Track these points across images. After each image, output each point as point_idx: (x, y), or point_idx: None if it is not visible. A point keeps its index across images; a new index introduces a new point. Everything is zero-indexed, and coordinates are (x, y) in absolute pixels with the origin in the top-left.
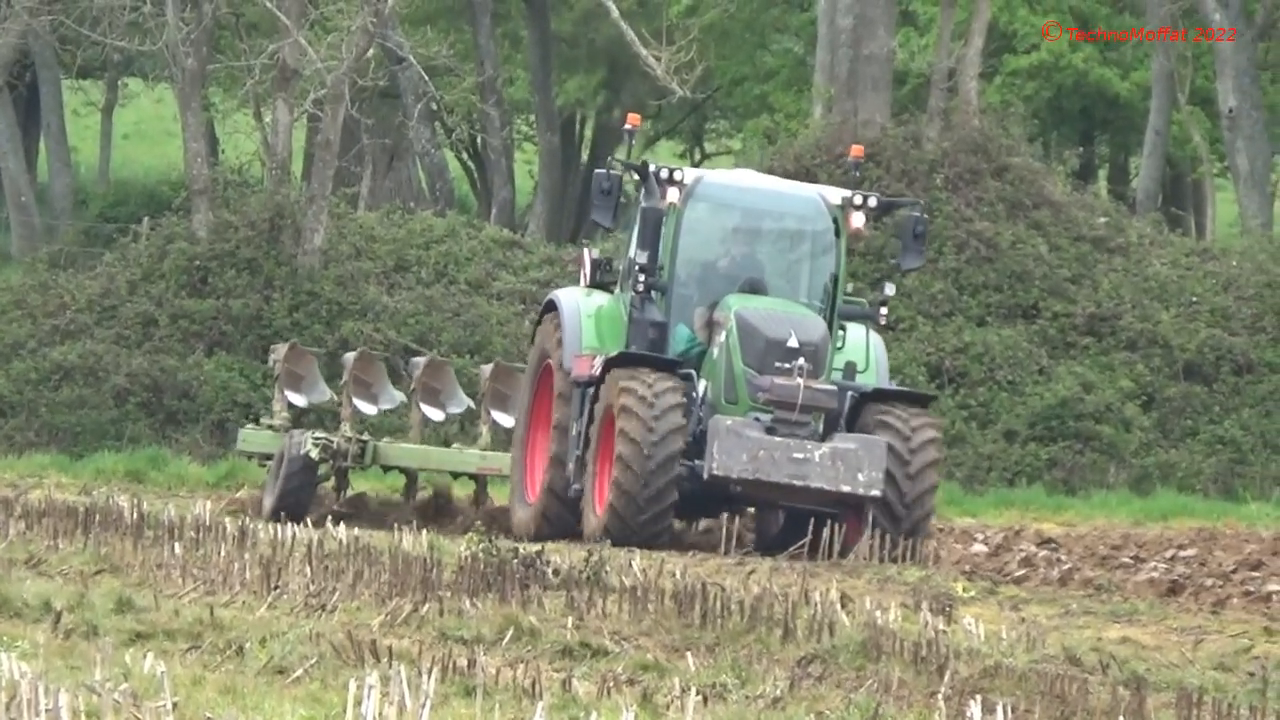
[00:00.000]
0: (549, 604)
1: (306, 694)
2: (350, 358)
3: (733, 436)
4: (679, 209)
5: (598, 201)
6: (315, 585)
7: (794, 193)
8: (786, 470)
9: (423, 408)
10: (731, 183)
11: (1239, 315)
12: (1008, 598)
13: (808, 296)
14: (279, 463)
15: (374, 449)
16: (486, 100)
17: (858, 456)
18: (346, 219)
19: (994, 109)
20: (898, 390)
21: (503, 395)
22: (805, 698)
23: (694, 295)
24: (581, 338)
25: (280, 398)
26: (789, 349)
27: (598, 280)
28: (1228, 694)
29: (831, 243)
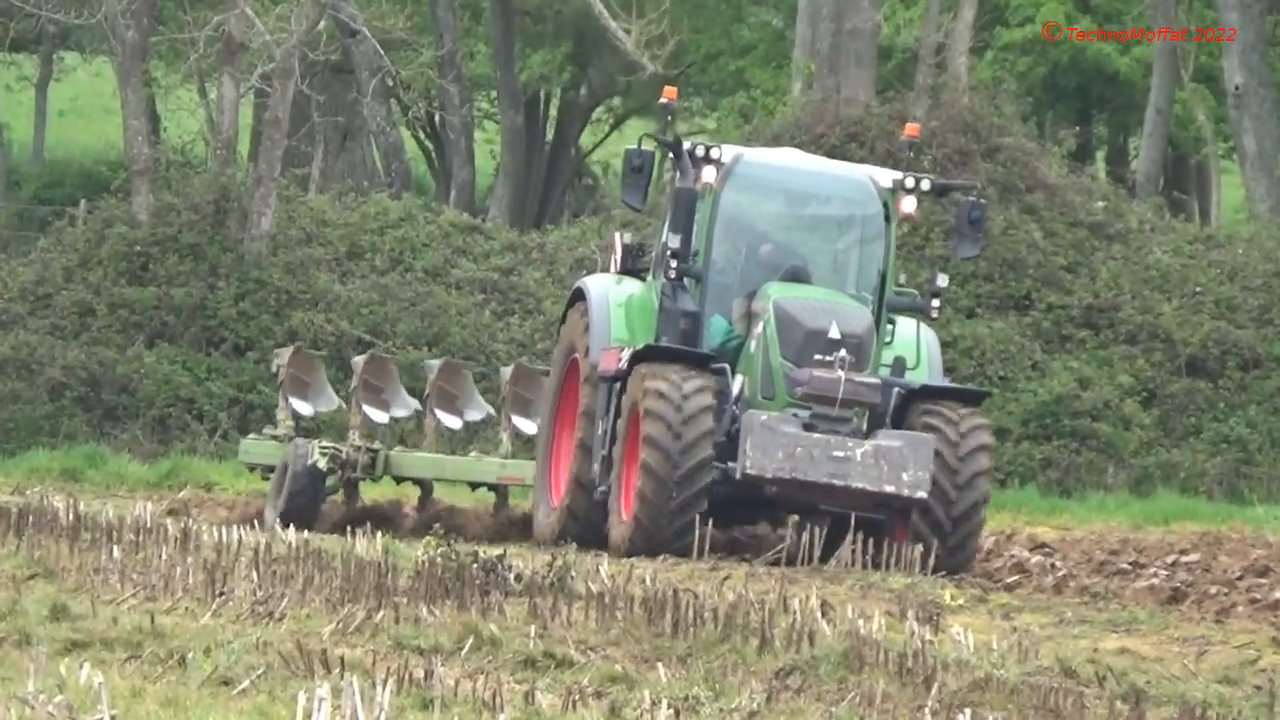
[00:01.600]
0: (511, 611)
1: (253, 706)
2: (359, 361)
3: (767, 433)
4: (715, 190)
5: (628, 181)
6: (263, 591)
7: (841, 174)
8: (825, 469)
9: (438, 415)
10: (773, 162)
11: (1245, 306)
12: (999, 606)
13: (856, 287)
14: (282, 474)
15: (385, 458)
16: (445, 76)
17: (902, 455)
18: (296, 202)
19: (985, 86)
20: (948, 387)
21: (524, 400)
22: (783, 711)
23: (732, 284)
24: (610, 329)
25: (284, 406)
26: (830, 340)
27: (629, 267)
28: (1232, 708)
29: (881, 229)
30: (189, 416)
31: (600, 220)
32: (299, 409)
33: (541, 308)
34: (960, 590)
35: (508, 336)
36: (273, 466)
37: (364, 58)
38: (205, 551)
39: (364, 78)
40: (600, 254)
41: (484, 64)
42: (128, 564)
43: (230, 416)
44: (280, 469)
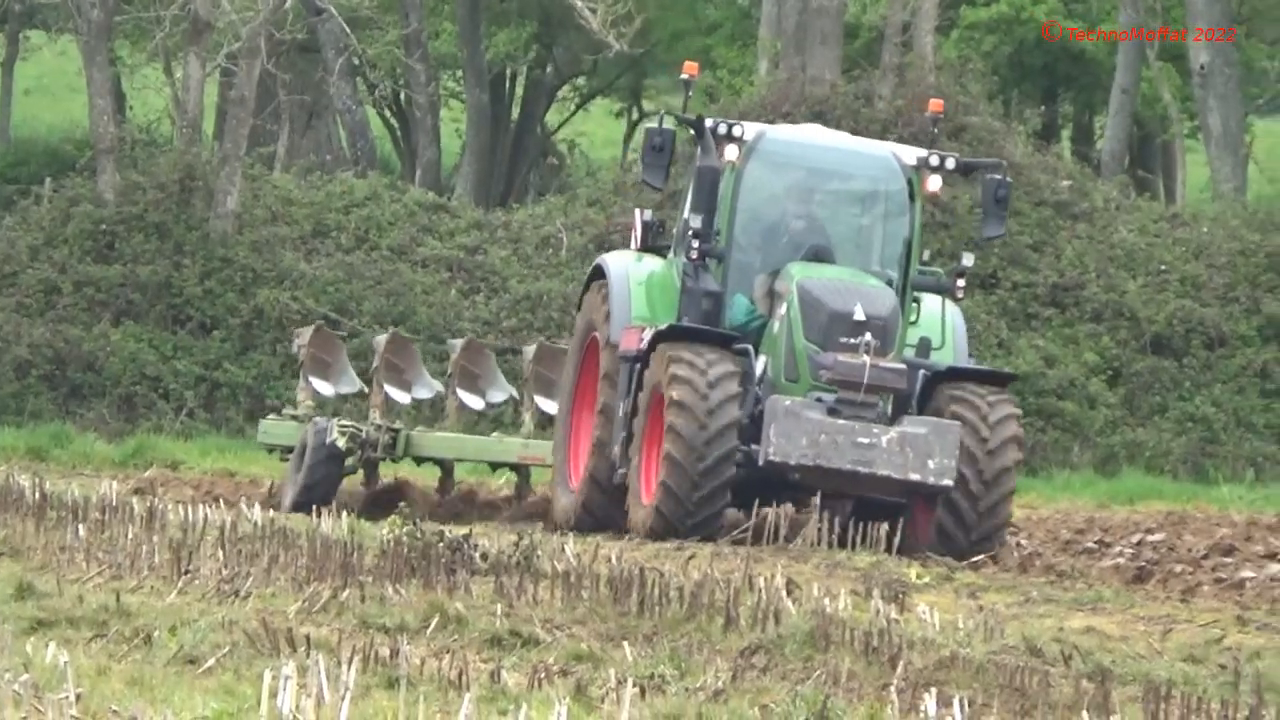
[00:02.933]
0: (477, 590)
1: (219, 685)
2: (381, 340)
3: (791, 419)
4: (738, 167)
5: (649, 159)
6: (228, 570)
7: (866, 151)
8: (850, 456)
9: (460, 395)
10: (796, 139)
11: (1211, 285)
12: (965, 585)
13: (880, 265)
14: (301, 453)
15: (406, 438)
16: (411, 54)
17: (928, 442)
18: (262, 181)
19: (951, 65)
20: (975, 369)
21: (547, 380)
22: (749, 690)
23: (754, 262)
24: (631, 307)
25: (305, 386)
26: (855, 323)
27: (650, 244)
28: (1198, 687)
29: (905, 206)
30: (155, 395)
31: (565, 199)
32: (320, 389)
33: (507, 286)
34: (926, 569)
35: (473, 315)
36: (291, 448)
37: (330, 36)
38: (171, 530)
39: (330, 56)
40: (565, 232)
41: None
42: (93, 543)
43: (196, 395)
44: (299, 449)
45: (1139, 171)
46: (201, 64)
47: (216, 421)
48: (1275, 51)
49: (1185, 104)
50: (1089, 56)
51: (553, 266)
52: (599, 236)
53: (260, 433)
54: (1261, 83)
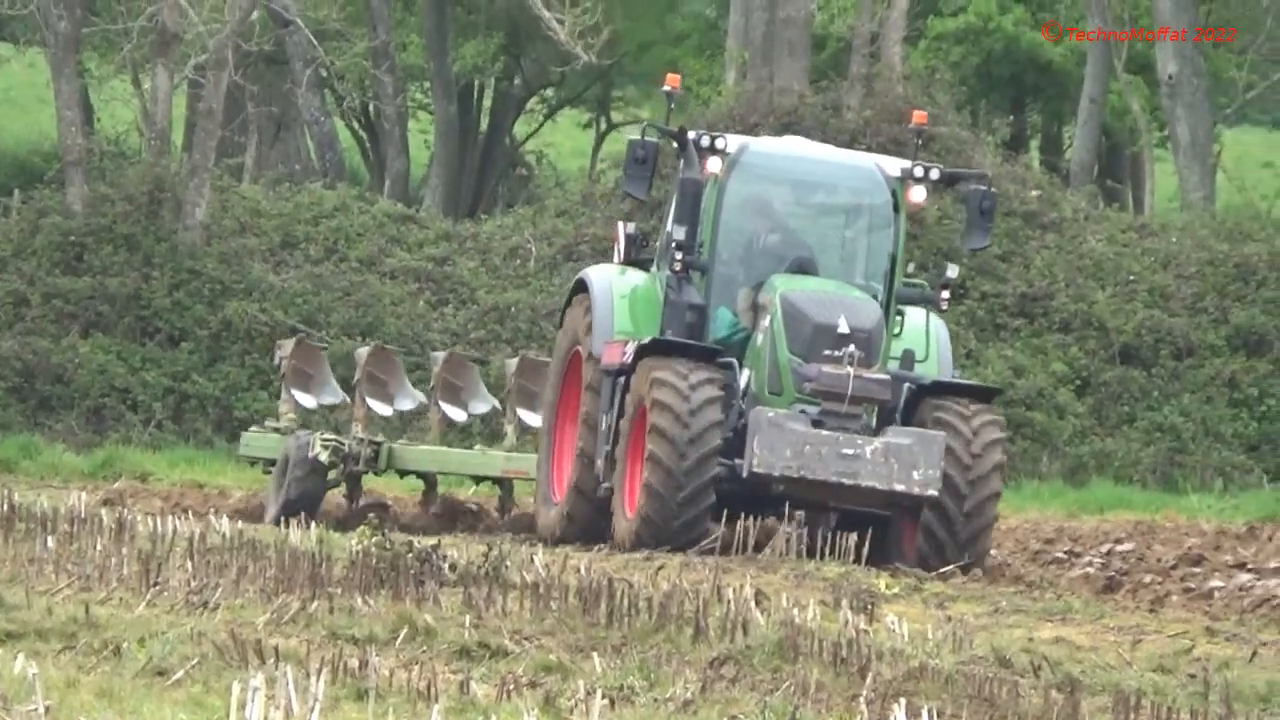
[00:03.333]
0: (446, 601)
1: (188, 697)
2: (363, 353)
3: (775, 430)
4: (721, 180)
5: (631, 171)
6: (197, 581)
7: (849, 163)
8: (834, 467)
9: (443, 407)
10: (779, 151)
11: (1179, 295)
12: (933, 595)
13: (864, 277)
14: (283, 467)
15: (388, 451)
16: (379, 66)
17: (912, 453)
18: (230, 192)
19: (919, 75)
20: (959, 383)
21: (529, 392)
22: (718, 701)
23: (738, 275)
24: (614, 321)
25: (287, 398)
26: (839, 335)
27: (633, 258)
28: (1167, 697)
29: (890, 218)
30: (123, 407)
31: (534, 210)
32: (302, 401)
33: (475, 297)
34: (895, 579)
35: (442, 326)
36: (274, 460)
37: (298, 48)
38: (140, 542)
39: (298, 68)
40: (533, 243)
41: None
42: (62, 554)
43: (165, 406)
44: (281, 462)
45: (1108, 181)
46: (169, 76)
47: (185, 433)
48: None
49: (1153, 114)
50: (1057, 67)
51: (521, 277)
52: (567, 247)
53: (242, 445)
54: (1229, 92)
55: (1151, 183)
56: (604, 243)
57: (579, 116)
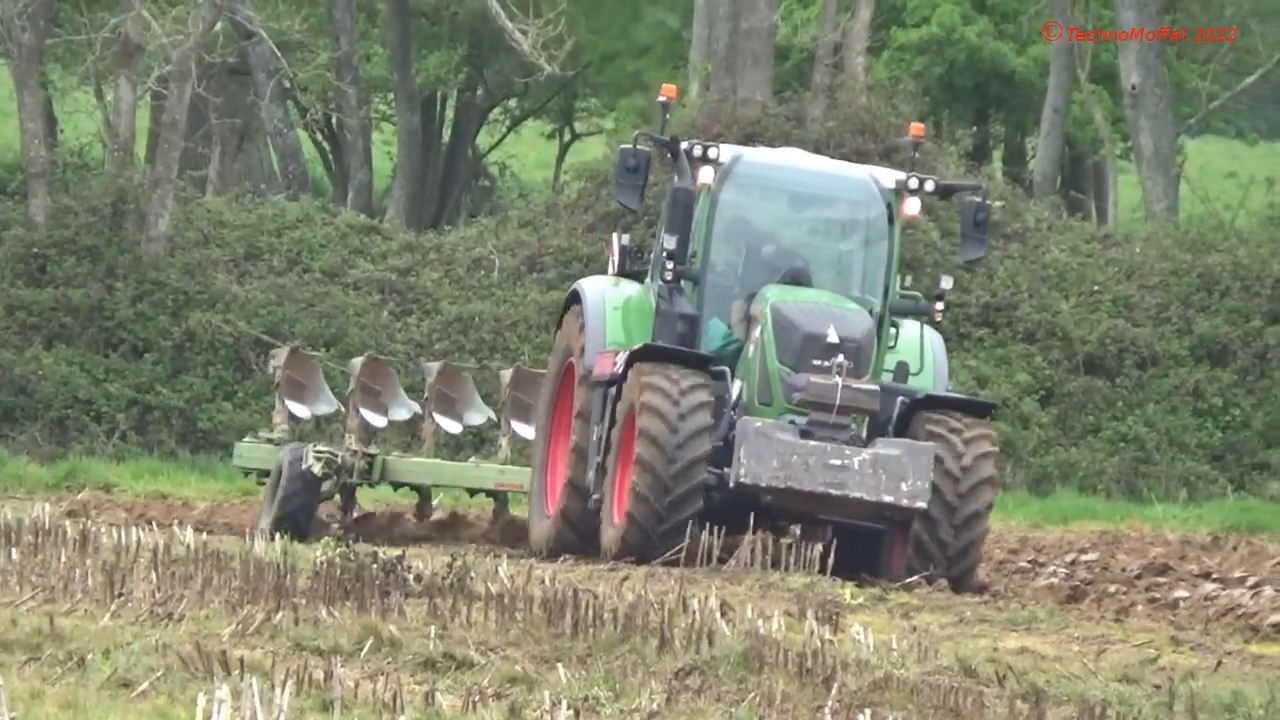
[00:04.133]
0: (411, 612)
1: (152, 708)
2: (356, 363)
3: (762, 440)
4: (713, 190)
5: (623, 180)
6: (162, 593)
7: (843, 174)
8: (821, 478)
9: (437, 419)
10: (773, 162)
11: (1143, 305)
12: (898, 605)
13: (859, 290)
14: (276, 479)
15: (382, 463)
16: (342, 78)
17: (901, 464)
18: (194, 204)
19: (882, 86)
20: (952, 397)
21: (524, 404)
22: (683, 712)
23: (731, 287)
24: (606, 332)
25: (281, 408)
26: (828, 345)
27: (627, 269)
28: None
29: (884, 230)
30: (87, 418)
31: (497, 221)
32: (295, 411)
33: (439, 308)
34: (860, 589)
35: (406, 337)
36: (268, 471)
37: (260, 60)
38: (104, 553)
39: (261, 79)
40: (497, 254)
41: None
42: (26, 566)
43: (129, 418)
44: (275, 474)
45: (1071, 192)
46: (132, 87)
47: (149, 444)
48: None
49: (1117, 124)
50: (1020, 77)
51: (485, 288)
52: (531, 258)
53: (236, 456)
54: (1192, 102)
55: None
56: (567, 254)
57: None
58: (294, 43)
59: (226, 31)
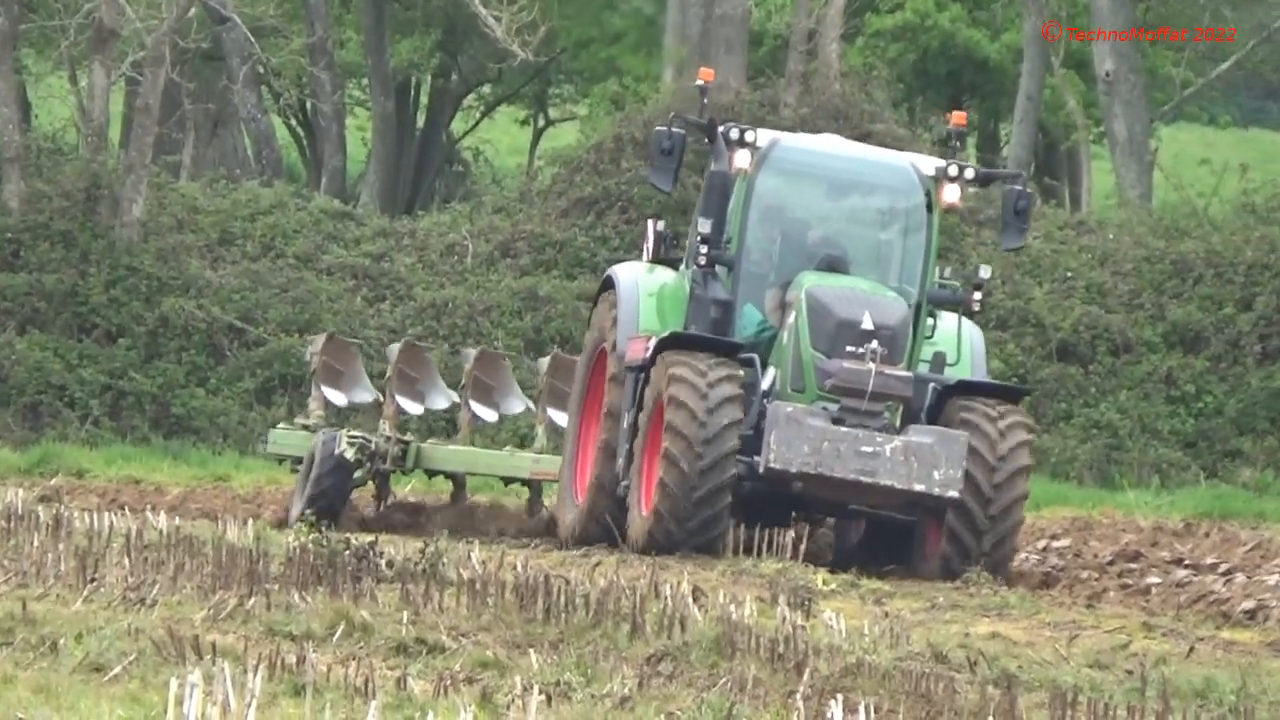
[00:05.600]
0: (383, 598)
1: (125, 693)
2: (395, 349)
3: (793, 425)
4: (750, 175)
5: (657, 163)
6: (134, 578)
7: (882, 160)
8: (853, 465)
9: (474, 407)
10: (811, 147)
11: (1116, 292)
12: (870, 591)
13: (896, 278)
14: (309, 464)
15: (417, 451)
16: (316, 63)
17: (933, 452)
18: (167, 189)
19: (856, 72)
20: (985, 383)
21: (561, 392)
22: (655, 697)
23: (766, 273)
24: (639, 318)
25: (317, 395)
26: (862, 331)
27: (662, 256)
28: (1104, 693)
29: (923, 218)
30: (60, 403)
31: (471, 206)
32: (331, 398)
33: (413, 293)
34: (832, 575)
35: (379, 322)
36: (301, 458)
37: (235, 45)
38: (77, 538)
39: (235, 65)
40: (470, 239)
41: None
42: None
43: (102, 403)
44: (307, 460)
45: (1044, 178)
46: (106, 72)
47: (122, 430)
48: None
49: (1090, 111)
50: (994, 63)
51: (458, 274)
52: (504, 244)
53: (270, 442)
54: (1166, 89)
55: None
56: (541, 240)
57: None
58: (268, 28)
59: (200, 17)
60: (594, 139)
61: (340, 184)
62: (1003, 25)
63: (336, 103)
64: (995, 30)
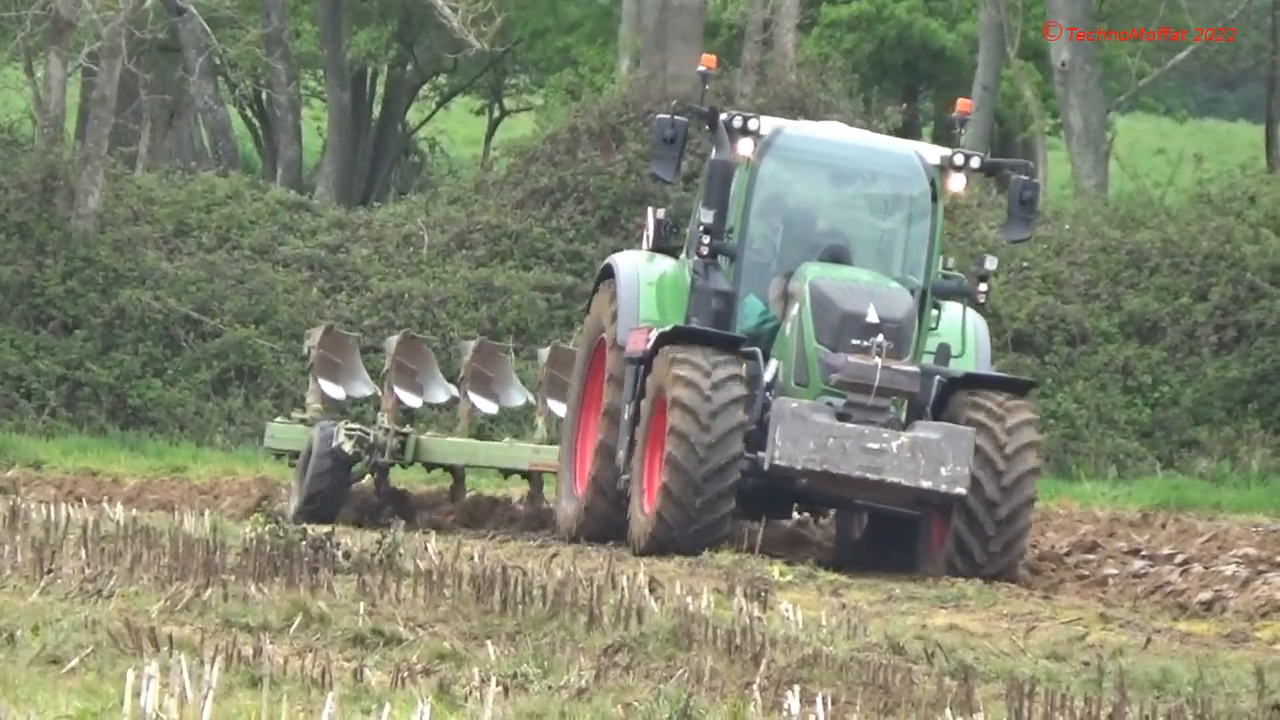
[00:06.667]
0: (340, 589)
1: (82, 685)
2: (393, 342)
3: (798, 422)
4: (753, 163)
5: (659, 151)
6: (91, 569)
7: (887, 149)
8: (858, 462)
9: (473, 398)
10: (815, 135)
11: (1072, 282)
12: (827, 582)
13: (900, 269)
14: (306, 458)
15: (415, 443)
16: (272, 54)
17: (940, 448)
18: (123, 180)
19: (812, 62)
20: (991, 376)
21: (561, 384)
22: (612, 688)
23: (769, 263)
24: (639, 308)
25: (314, 388)
26: (867, 324)
27: (662, 244)
28: (1061, 684)
29: (927, 208)
30: (17, 394)
31: (427, 197)
32: (329, 392)
33: (369, 284)
34: (789, 567)
35: (335, 313)
36: (298, 452)
37: (191, 36)
38: (34, 529)
39: (191, 56)
40: (426, 230)
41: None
42: None
43: (58, 394)
44: (305, 453)
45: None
46: (63, 63)
47: (78, 421)
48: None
49: (1046, 101)
50: (950, 53)
51: (414, 265)
52: (460, 235)
53: (267, 436)
54: (1122, 80)
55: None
56: (496, 230)
57: (472, 104)
58: (224, 19)
59: (156, 8)
60: (549, 129)
61: (296, 175)
62: (959, 15)
63: (292, 93)
64: (951, 20)
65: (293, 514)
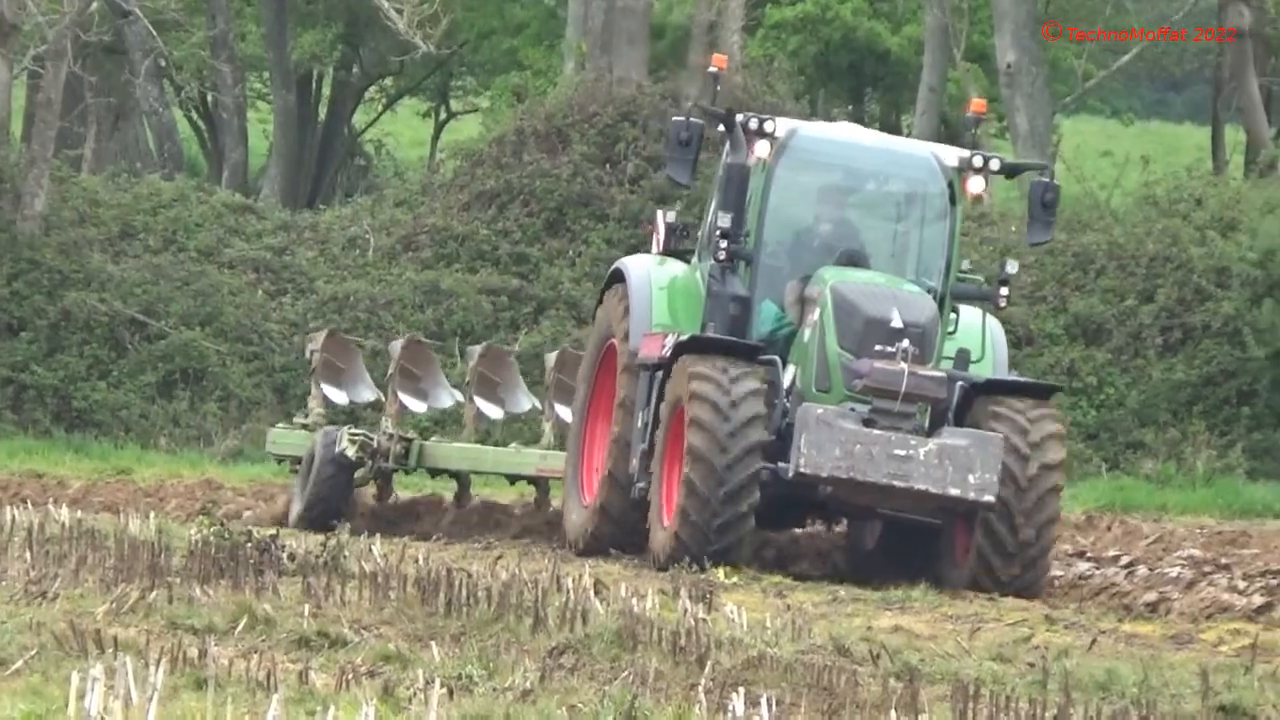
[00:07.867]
0: (285, 591)
1: (26, 687)
2: (397, 346)
3: (824, 428)
4: (769, 165)
5: (674, 154)
6: (36, 571)
7: (904, 151)
8: (885, 469)
9: (478, 403)
10: (831, 137)
11: (1017, 284)
12: (772, 584)
13: (917, 272)
14: (309, 463)
15: (419, 449)
16: (218, 56)
17: (968, 455)
18: (69, 183)
19: (757, 64)
20: (1014, 381)
21: (568, 388)
22: (557, 690)
23: (784, 267)
24: (652, 313)
25: (316, 393)
26: (892, 329)
27: (672, 247)
28: (1006, 686)
29: (945, 210)
30: None
31: (373, 200)
32: (332, 397)
33: (314, 287)
34: (734, 569)
35: (280, 316)
36: (300, 458)
37: (136, 38)
38: None
39: (137, 58)
40: (372, 233)
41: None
42: None
43: (3, 397)
44: (308, 459)
45: None
46: (8, 66)
47: (23, 423)
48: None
49: (992, 103)
50: (895, 55)
51: (360, 267)
52: (406, 238)
53: (269, 442)
54: (1068, 81)
55: None
56: (443, 233)
57: (418, 106)
58: (169, 21)
59: (102, 10)
60: (495, 132)
61: (242, 177)
62: (904, 17)
63: (238, 96)
64: (897, 23)
65: (294, 521)
